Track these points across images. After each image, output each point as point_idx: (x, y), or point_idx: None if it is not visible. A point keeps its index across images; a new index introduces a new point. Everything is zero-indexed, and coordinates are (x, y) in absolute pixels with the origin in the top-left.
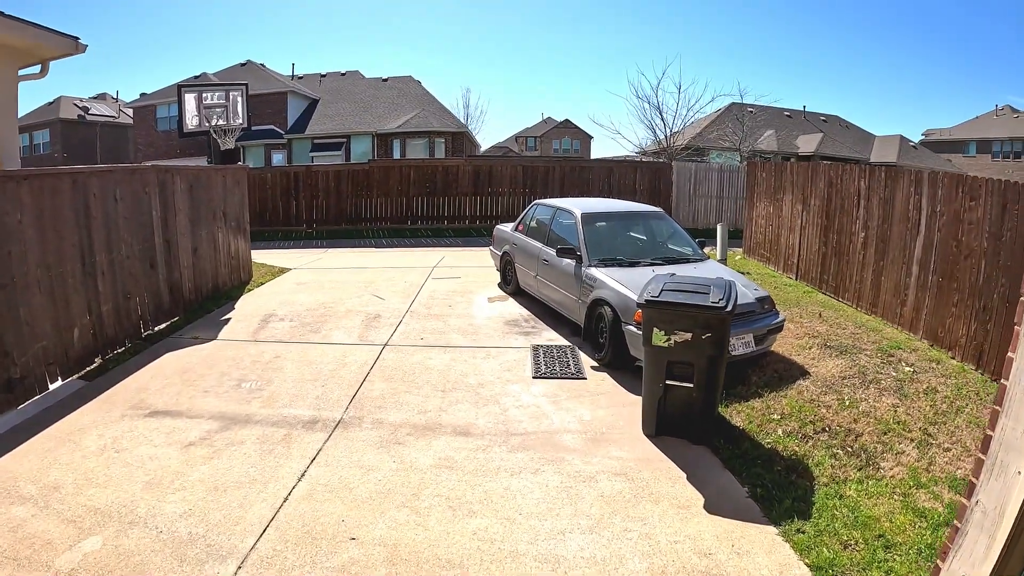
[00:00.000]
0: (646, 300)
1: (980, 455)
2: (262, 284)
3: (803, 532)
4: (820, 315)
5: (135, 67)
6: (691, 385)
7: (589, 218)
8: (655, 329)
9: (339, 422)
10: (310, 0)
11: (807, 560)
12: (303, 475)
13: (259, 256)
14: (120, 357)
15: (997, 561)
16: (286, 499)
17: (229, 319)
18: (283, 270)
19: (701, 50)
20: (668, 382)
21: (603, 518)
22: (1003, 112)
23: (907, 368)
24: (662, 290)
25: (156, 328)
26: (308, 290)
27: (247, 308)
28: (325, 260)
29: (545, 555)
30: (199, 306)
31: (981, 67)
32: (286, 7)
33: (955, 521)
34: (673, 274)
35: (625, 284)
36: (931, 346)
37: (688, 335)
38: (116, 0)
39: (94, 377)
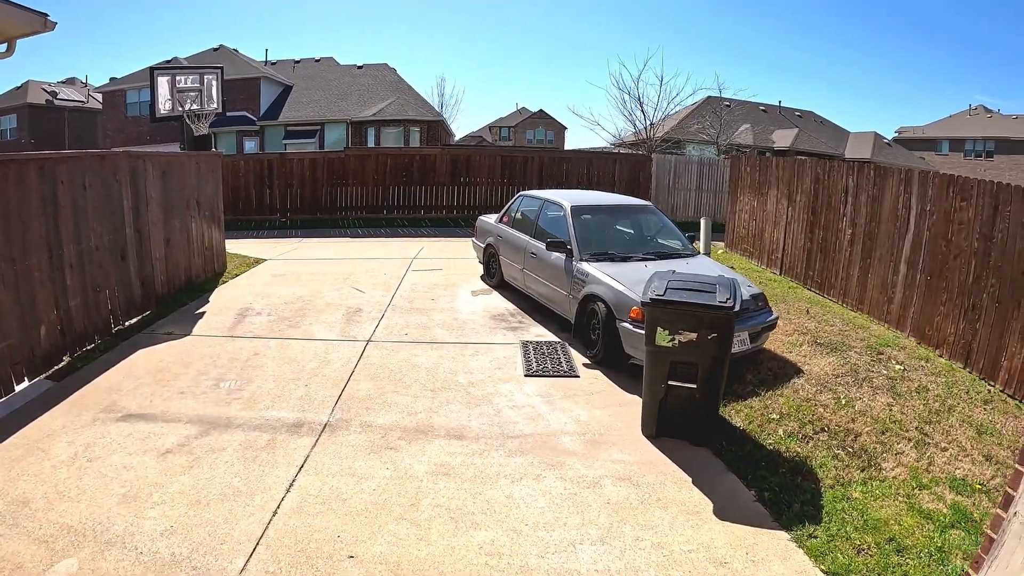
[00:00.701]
0: (651, 299)
1: (1019, 467)
2: (237, 276)
3: (815, 537)
4: (808, 311)
5: (105, 50)
6: (694, 386)
7: (579, 211)
8: (659, 328)
9: (326, 425)
10: None
11: (823, 566)
12: (292, 485)
13: (233, 246)
14: (90, 355)
15: None
16: (275, 513)
17: (204, 313)
18: (258, 261)
19: (682, 43)
20: (670, 383)
21: (613, 527)
22: (976, 112)
23: (897, 366)
24: (667, 288)
25: (127, 323)
26: (285, 282)
27: (222, 301)
28: (301, 250)
29: (557, 569)
30: (172, 299)
31: (954, 67)
32: None
33: (988, 531)
34: (673, 271)
35: (619, 280)
36: (918, 344)
37: (693, 335)
38: None
39: (63, 377)
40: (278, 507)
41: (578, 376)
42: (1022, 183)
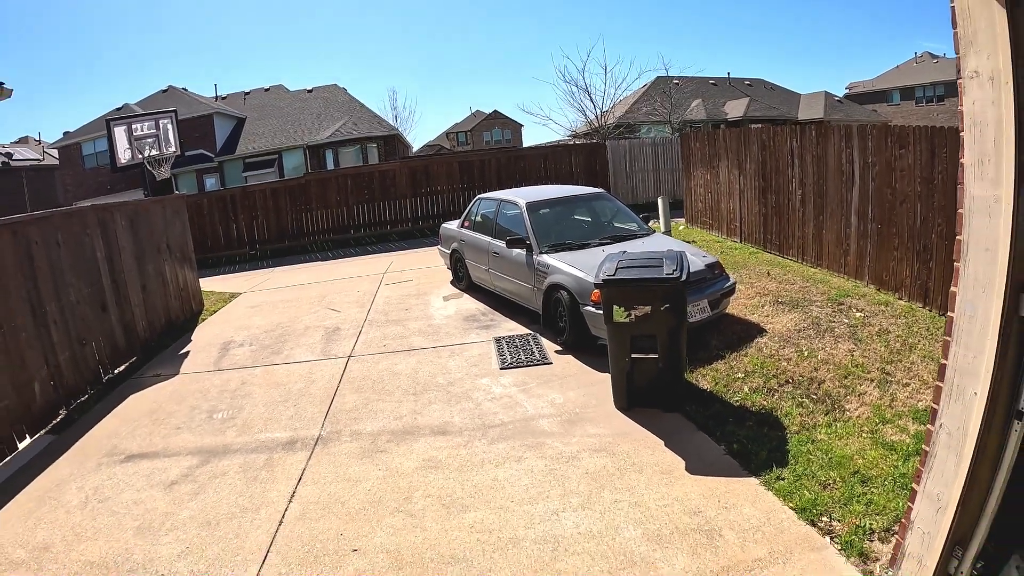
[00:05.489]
0: (603, 280)
1: (938, 383)
2: (215, 312)
3: (783, 479)
4: (768, 273)
5: (53, 105)
6: (656, 356)
7: (534, 207)
8: (615, 306)
9: (318, 439)
10: (225, 18)
11: (790, 504)
12: (293, 496)
13: (206, 284)
14: (84, 406)
15: (967, 475)
16: (281, 522)
17: (188, 352)
18: (233, 295)
19: (624, 28)
20: (634, 355)
21: (592, 493)
22: (923, 59)
23: (858, 314)
24: (617, 268)
25: (116, 371)
26: (262, 312)
27: (204, 338)
28: (273, 280)
29: (543, 536)
30: (155, 342)
31: (896, 17)
32: (202, 28)
33: (924, 446)
34: (624, 251)
35: (578, 267)
36: (878, 290)
37: (647, 308)
38: (23, 38)
39: (62, 430)
40: (283, 517)
41: (551, 363)
42: None
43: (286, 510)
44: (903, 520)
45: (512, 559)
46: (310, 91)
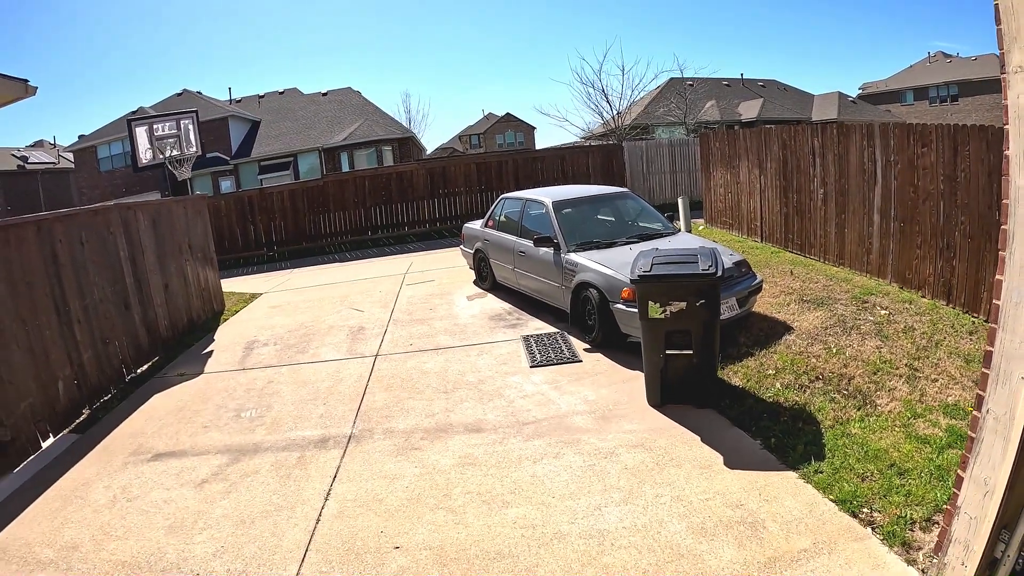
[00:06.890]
0: (639, 275)
1: (984, 370)
2: (236, 312)
3: (821, 472)
4: (791, 272)
5: (68, 110)
6: (690, 352)
7: (560, 205)
8: (650, 302)
9: (350, 437)
10: (239, 22)
11: (831, 496)
12: (329, 494)
13: (226, 285)
14: (108, 405)
15: (1015, 458)
16: (318, 520)
17: (211, 351)
18: (254, 295)
19: (639, 29)
20: (668, 352)
21: (633, 488)
22: (936, 59)
23: (882, 311)
24: (653, 264)
25: (139, 371)
26: (284, 312)
27: (227, 338)
28: (293, 280)
29: (588, 531)
30: (177, 342)
31: (909, 15)
32: (215, 31)
33: (969, 433)
34: (656, 248)
35: (607, 265)
36: (901, 288)
37: (683, 304)
38: (37, 43)
39: (86, 429)
40: (320, 515)
41: (580, 361)
42: (987, 123)
43: (323, 508)
44: (947, 507)
45: (558, 554)
46: (324, 94)
